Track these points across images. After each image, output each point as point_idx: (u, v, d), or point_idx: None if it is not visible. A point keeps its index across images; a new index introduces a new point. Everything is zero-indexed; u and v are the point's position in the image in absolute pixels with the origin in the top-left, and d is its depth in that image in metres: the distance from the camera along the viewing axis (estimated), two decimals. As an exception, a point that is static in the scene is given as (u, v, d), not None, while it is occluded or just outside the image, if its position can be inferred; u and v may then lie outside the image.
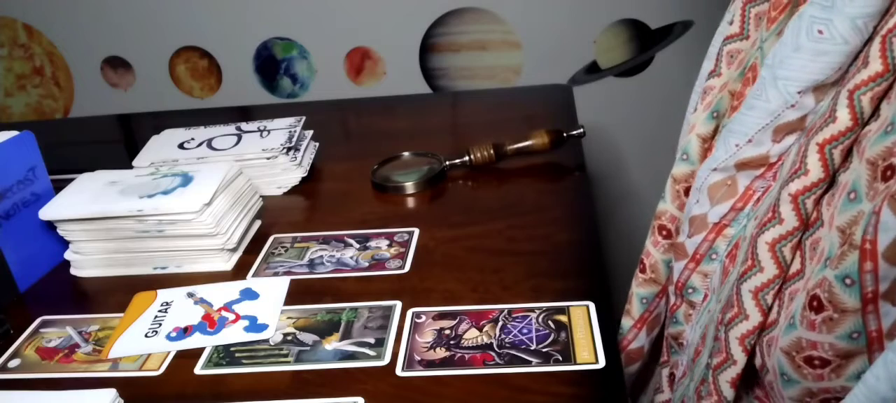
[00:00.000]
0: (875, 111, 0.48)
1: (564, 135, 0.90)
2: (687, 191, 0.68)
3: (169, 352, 0.63)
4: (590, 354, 0.57)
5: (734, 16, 0.65)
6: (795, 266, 0.53)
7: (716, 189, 0.61)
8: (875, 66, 0.46)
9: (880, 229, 0.43)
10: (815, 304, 0.48)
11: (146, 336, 0.65)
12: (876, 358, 0.46)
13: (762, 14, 0.63)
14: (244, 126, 0.96)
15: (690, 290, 0.66)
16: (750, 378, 0.60)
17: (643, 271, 0.73)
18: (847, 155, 0.50)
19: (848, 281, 0.45)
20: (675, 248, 0.67)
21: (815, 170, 0.50)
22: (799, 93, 0.52)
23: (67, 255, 0.77)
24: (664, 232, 0.71)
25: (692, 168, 0.67)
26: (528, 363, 0.57)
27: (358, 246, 0.76)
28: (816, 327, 0.48)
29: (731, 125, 0.59)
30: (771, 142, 0.56)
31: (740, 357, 0.56)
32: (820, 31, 0.50)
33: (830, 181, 0.51)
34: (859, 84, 0.47)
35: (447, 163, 0.89)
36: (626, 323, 0.76)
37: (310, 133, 0.96)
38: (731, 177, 0.60)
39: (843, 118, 0.48)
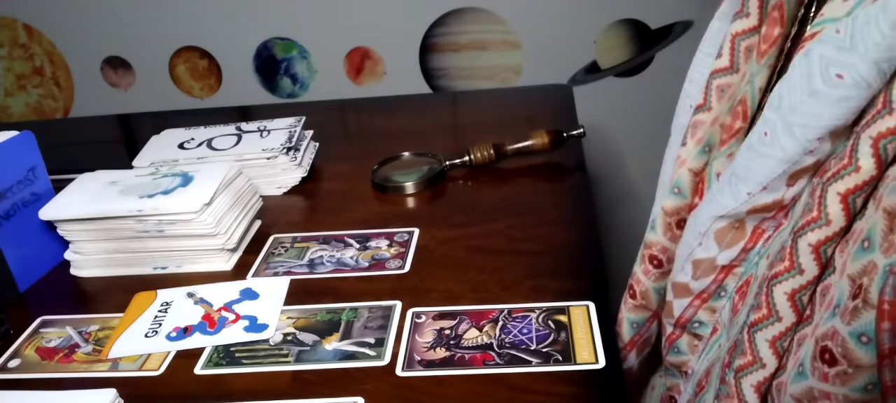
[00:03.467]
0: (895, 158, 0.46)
1: (564, 135, 0.90)
2: (679, 224, 0.67)
3: (169, 352, 0.63)
4: (590, 354, 0.57)
5: (723, 48, 0.63)
6: (808, 311, 0.52)
7: (723, 233, 0.60)
8: None
9: None
10: (827, 356, 0.46)
11: (146, 336, 0.65)
12: None
13: (752, 47, 0.61)
14: (244, 126, 0.96)
15: (697, 325, 0.65)
16: None
17: (633, 297, 0.72)
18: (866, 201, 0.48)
19: (864, 338, 0.44)
20: (675, 287, 0.66)
21: (837, 220, 0.48)
22: (818, 139, 0.50)
23: (67, 255, 0.77)
24: (655, 262, 0.70)
25: (684, 201, 0.66)
26: (528, 363, 0.57)
27: (358, 246, 0.76)
28: (830, 379, 0.46)
29: (738, 172, 0.57)
30: (785, 188, 0.54)
31: None
32: (839, 76, 0.46)
33: (848, 228, 0.49)
34: (885, 132, 0.44)
35: (447, 163, 0.89)
36: (617, 343, 0.75)
37: (310, 133, 0.96)
38: (739, 222, 0.59)
39: (868, 167, 0.46)
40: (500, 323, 0.61)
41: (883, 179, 0.46)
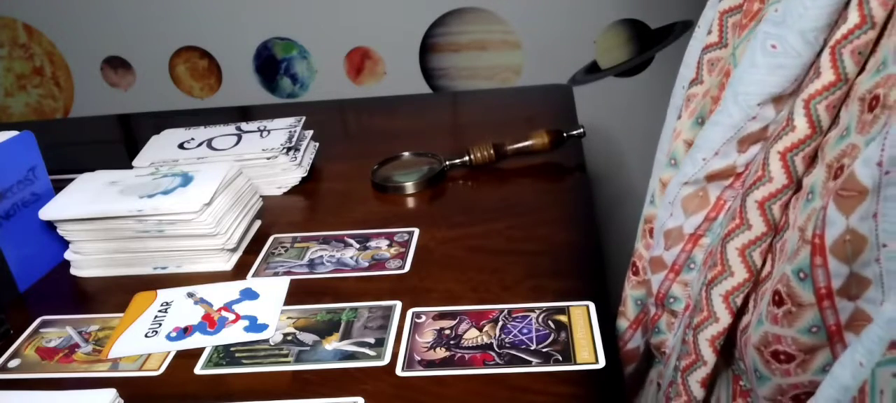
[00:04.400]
0: (835, 118, 0.50)
1: (564, 135, 0.90)
2: None
3: (169, 352, 0.63)
4: (590, 354, 0.57)
5: (712, 26, 0.67)
6: (767, 269, 0.55)
7: (689, 201, 0.63)
8: (827, 76, 0.49)
9: (827, 224, 0.45)
10: (776, 298, 0.50)
11: (146, 336, 0.65)
12: (838, 351, 0.48)
13: (738, 23, 0.64)
14: (244, 126, 0.96)
15: (672, 300, 0.67)
16: (730, 384, 0.60)
17: (636, 273, 0.74)
18: (811, 161, 0.52)
19: (801, 274, 0.47)
20: (652, 262, 0.68)
21: (778, 177, 0.52)
22: (759, 105, 0.55)
23: (67, 255, 0.77)
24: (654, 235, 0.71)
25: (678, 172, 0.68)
26: (528, 363, 0.57)
27: (358, 246, 0.76)
28: (779, 321, 0.50)
29: (698, 142, 0.61)
30: (737, 154, 0.58)
31: (710, 359, 0.58)
32: (773, 46, 0.52)
33: (797, 186, 0.53)
34: (813, 93, 0.50)
35: (447, 163, 0.89)
36: (622, 324, 0.76)
37: (310, 133, 0.96)
38: (702, 189, 0.62)
39: (802, 126, 0.51)
40: (500, 323, 0.61)
41: (827, 139, 0.50)
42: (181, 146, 0.93)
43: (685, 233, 0.64)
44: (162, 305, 0.69)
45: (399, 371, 0.58)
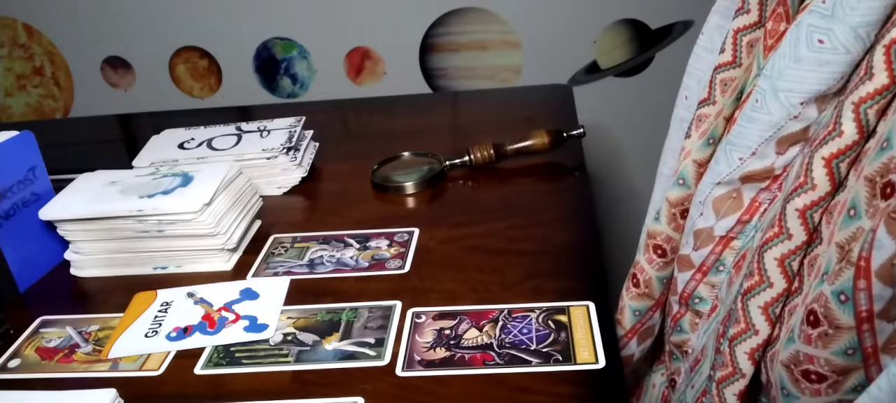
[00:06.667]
0: (875, 128, 0.47)
1: (564, 135, 0.90)
2: (683, 214, 0.68)
3: (169, 352, 0.63)
4: (590, 354, 0.57)
5: (726, 44, 0.64)
6: (796, 283, 0.53)
7: (721, 202, 0.61)
8: (881, 78, 0.45)
9: (875, 246, 0.43)
10: (811, 318, 0.48)
11: (146, 336, 0.65)
12: (873, 373, 0.46)
13: (754, 42, 0.62)
14: (244, 126, 0.96)
15: (697, 300, 0.66)
16: (757, 394, 0.59)
17: (636, 285, 0.73)
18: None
19: (842, 297, 0.45)
20: (679, 260, 0.67)
21: (821, 185, 0.49)
22: (801, 104, 0.52)
23: (67, 255, 0.77)
24: (659, 251, 0.71)
25: (688, 192, 0.67)
26: (528, 363, 0.57)
27: (358, 246, 0.76)
28: (813, 341, 0.48)
29: (732, 139, 0.58)
30: (775, 155, 0.56)
31: (749, 371, 0.55)
32: (820, 41, 0.49)
33: (833, 193, 0.50)
34: (865, 97, 0.46)
35: (447, 163, 0.89)
36: (617, 331, 0.76)
37: (310, 133, 0.96)
38: (736, 190, 0.60)
39: (850, 132, 0.47)
40: (500, 323, 0.61)
41: (865, 150, 0.47)
42: (181, 146, 0.93)
43: (715, 235, 0.63)
44: (162, 305, 0.69)
45: (399, 371, 0.58)
